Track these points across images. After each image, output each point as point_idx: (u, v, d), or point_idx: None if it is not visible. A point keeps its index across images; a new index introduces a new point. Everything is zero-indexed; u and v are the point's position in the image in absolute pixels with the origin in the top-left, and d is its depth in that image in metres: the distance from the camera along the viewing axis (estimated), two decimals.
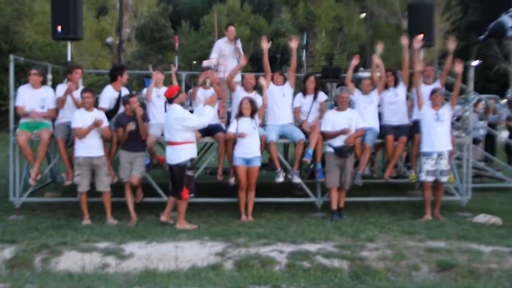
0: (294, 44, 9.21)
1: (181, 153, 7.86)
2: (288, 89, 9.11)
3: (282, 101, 9.02)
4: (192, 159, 7.98)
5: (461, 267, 6.34)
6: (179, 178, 7.90)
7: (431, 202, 8.71)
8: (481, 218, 8.45)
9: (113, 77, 9.00)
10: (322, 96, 9.36)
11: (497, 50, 34.72)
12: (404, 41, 9.14)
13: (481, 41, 9.58)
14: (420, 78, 9.04)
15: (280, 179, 8.82)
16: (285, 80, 9.26)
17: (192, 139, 7.93)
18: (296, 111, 9.27)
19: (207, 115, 7.95)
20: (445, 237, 7.40)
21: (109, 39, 31.97)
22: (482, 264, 6.46)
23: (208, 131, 8.74)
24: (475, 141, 11.43)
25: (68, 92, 8.55)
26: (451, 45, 8.93)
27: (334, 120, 8.67)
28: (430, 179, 8.64)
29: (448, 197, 9.40)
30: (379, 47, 9.35)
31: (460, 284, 5.83)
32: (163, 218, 8.09)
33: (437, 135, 8.58)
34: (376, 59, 9.19)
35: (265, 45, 9.10)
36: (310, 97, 9.23)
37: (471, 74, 9.52)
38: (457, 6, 33.41)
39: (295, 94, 9.35)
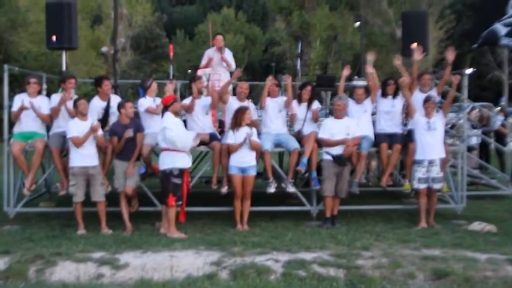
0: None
1: (166, 159, 7.91)
2: (282, 100, 9.13)
3: (277, 116, 9.08)
4: (182, 169, 7.93)
5: (456, 275, 6.34)
6: (165, 185, 7.91)
7: (426, 210, 8.73)
8: (476, 225, 8.46)
9: (95, 88, 9.08)
10: (315, 105, 9.39)
11: (491, 58, 34.87)
12: (398, 62, 9.18)
13: (474, 49, 9.61)
14: (416, 87, 9.08)
15: (272, 189, 8.83)
16: (280, 88, 9.32)
17: (181, 148, 7.91)
18: (291, 118, 9.30)
19: (186, 139, 7.96)
20: (440, 245, 7.41)
21: (104, 49, 31.95)
22: (478, 272, 6.45)
23: (203, 140, 8.76)
24: (470, 149, 11.48)
25: (63, 101, 8.56)
26: (450, 56, 8.97)
27: (332, 128, 8.70)
28: (423, 186, 8.66)
29: (443, 204, 9.42)
30: (371, 56, 9.39)
31: None
32: (162, 230, 8.08)
33: (429, 143, 8.62)
34: (370, 69, 9.23)
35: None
36: (304, 105, 9.27)
37: (465, 82, 9.56)
38: (451, 14, 33.53)
39: None
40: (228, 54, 10.54)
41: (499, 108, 16.98)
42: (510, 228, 8.53)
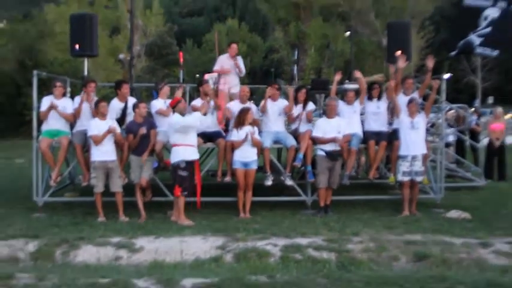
0: (358, 74, 9.28)
1: (173, 154, 7.90)
2: (283, 104, 9.10)
3: (277, 118, 9.03)
4: (188, 161, 7.88)
5: (435, 257, 6.34)
6: (173, 177, 7.90)
7: (409, 200, 8.72)
8: (453, 213, 8.45)
9: (115, 91, 9.09)
10: (310, 106, 9.37)
11: (466, 64, 34.85)
12: (380, 77, 9.18)
13: (451, 57, 9.58)
14: (400, 90, 9.06)
15: (269, 182, 8.81)
16: (280, 91, 9.30)
17: (186, 142, 7.88)
18: (289, 118, 9.26)
19: (192, 117, 7.96)
20: (421, 231, 7.39)
21: (121, 56, 31.90)
22: (454, 254, 6.46)
23: (209, 137, 8.76)
24: (447, 145, 11.48)
25: (83, 100, 8.62)
26: (430, 63, 8.94)
27: (324, 127, 8.68)
28: (406, 178, 8.64)
29: (424, 195, 9.41)
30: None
31: (434, 272, 5.81)
32: (173, 218, 8.08)
33: (412, 140, 8.60)
34: (357, 74, 9.24)
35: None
36: (300, 106, 9.24)
37: (443, 86, 9.53)
38: (430, 25, 33.43)
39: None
40: (240, 61, 10.44)
41: (473, 109, 16.97)
42: (483, 215, 8.52)
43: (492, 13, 8.66)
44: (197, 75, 37.39)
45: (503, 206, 9.22)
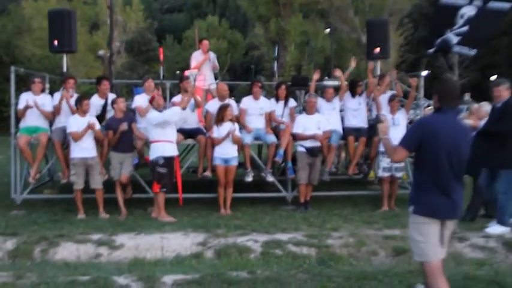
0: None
1: (152, 150, 7.87)
2: (265, 103, 9.09)
3: (258, 117, 9.00)
4: (167, 158, 7.82)
5: None
6: (152, 173, 7.86)
7: (388, 195, 8.79)
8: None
9: (96, 87, 9.02)
10: (292, 103, 9.39)
11: (443, 61, 35.29)
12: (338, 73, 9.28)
13: (429, 54, 9.68)
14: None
15: (249, 178, 8.82)
16: (263, 89, 9.30)
17: (165, 138, 7.83)
18: (271, 115, 9.24)
19: (170, 111, 7.93)
20: (399, 225, 7.46)
21: (101, 52, 31.57)
22: None
23: (189, 134, 8.72)
24: None
25: (62, 99, 8.50)
26: (353, 63, 9.41)
27: (304, 123, 8.70)
28: (387, 174, 8.72)
29: (403, 190, 9.49)
30: (352, 63, 9.52)
31: (412, 266, 5.87)
32: (153, 214, 8.04)
33: (393, 137, 8.61)
34: (337, 72, 9.31)
35: None
36: (281, 103, 9.25)
37: (421, 83, 9.63)
38: (409, 23, 33.72)
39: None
40: (213, 57, 10.50)
41: None
42: None
43: (468, 11, 8.75)
44: (177, 71, 37.22)
45: None
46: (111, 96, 8.90)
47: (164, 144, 7.83)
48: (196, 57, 10.31)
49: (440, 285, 4.05)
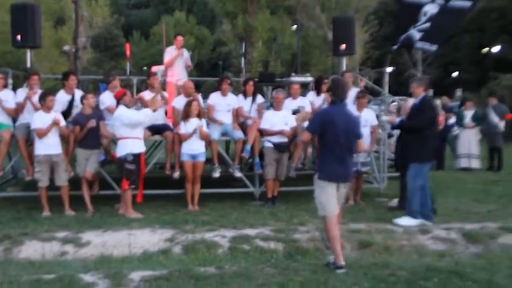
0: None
1: (120, 147, 7.76)
2: (232, 99, 9.08)
3: (225, 114, 8.99)
4: (135, 154, 7.75)
5: (378, 245, 6.53)
6: (120, 170, 7.78)
7: (354, 190, 8.89)
8: (395, 202, 8.67)
9: (62, 83, 8.84)
10: (259, 99, 9.40)
11: (408, 58, 35.84)
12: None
13: (393, 50, 9.84)
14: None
15: (217, 174, 8.81)
16: (231, 86, 9.29)
17: (133, 135, 7.74)
18: (239, 111, 9.23)
19: (143, 114, 7.84)
20: (365, 219, 7.58)
21: (66, 47, 31.03)
22: (396, 241, 6.67)
23: (157, 130, 8.66)
24: (389, 136, 11.75)
25: (28, 98, 8.32)
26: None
27: (272, 119, 8.72)
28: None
29: (368, 185, 9.64)
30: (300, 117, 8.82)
31: (377, 259, 5.99)
32: (120, 211, 7.95)
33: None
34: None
35: None
36: (249, 99, 9.25)
37: (386, 79, 9.77)
38: (375, 20, 34.18)
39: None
40: (186, 55, 10.43)
41: None
42: None
43: (431, 9, 8.93)
44: (144, 67, 36.83)
45: (441, 194, 9.56)
46: (78, 92, 8.75)
47: (133, 141, 7.75)
48: (170, 52, 10.22)
49: (336, 232, 5.47)
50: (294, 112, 8.64)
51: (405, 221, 7.25)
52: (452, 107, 15.53)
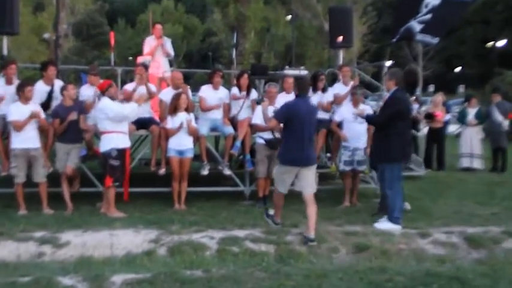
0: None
1: (104, 142, 7.69)
2: (224, 93, 9.05)
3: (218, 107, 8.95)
4: (120, 150, 7.70)
5: (375, 249, 6.52)
6: (103, 166, 7.73)
7: (350, 190, 8.90)
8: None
9: (41, 73, 8.77)
10: (253, 94, 9.35)
11: (408, 51, 35.97)
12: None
13: (393, 43, 9.87)
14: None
15: (205, 171, 8.79)
16: (223, 79, 9.26)
17: (118, 129, 7.68)
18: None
19: (129, 108, 7.80)
20: (361, 221, 7.58)
21: (46, 35, 30.86)
22: (394, 245, 6.67)
23: (142, 124, 8.60)
24: None
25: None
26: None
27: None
28: (348, 168, 8.81)
29: (365, 185, 9.65)
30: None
31: (374, 263, 5.98)
32: (102, 210, 7.90)
33: (355, 131, 8.73)
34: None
35: None
36: (243, 93, 9.19)
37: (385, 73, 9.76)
38: (373, 11, 34.31)
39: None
40: (167, 43, 10.39)
41: (414, 97, 17.51)
42: (422, 205, 8.82)
43: (433, 1, 8.94)
44: (130, 57, 36.70)
45: (441, 196, 9.60)
46: (58, 82, 8.67)
47: (118, 135, 7.69)
48: (149, 42, 10.20)
49: (281, 202, 7.14)
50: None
51: (384, 225, 7.24)
52: (449, 104, 15.55)
